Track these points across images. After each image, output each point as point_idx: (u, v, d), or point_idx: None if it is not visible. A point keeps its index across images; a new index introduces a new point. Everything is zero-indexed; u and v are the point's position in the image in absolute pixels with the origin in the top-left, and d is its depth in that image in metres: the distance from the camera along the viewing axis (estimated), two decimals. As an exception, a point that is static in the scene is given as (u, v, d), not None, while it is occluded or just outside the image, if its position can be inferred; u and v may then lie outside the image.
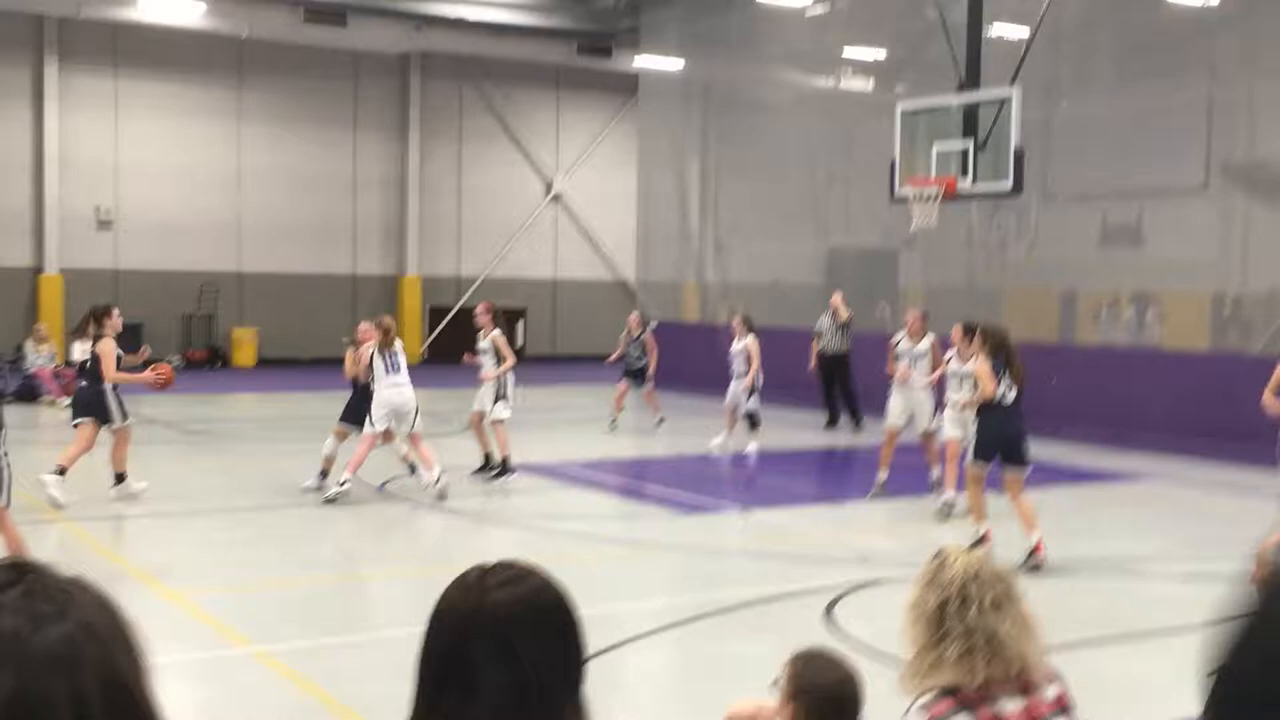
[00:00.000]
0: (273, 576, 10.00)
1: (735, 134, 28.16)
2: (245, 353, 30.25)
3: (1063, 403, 19.37)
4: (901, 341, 13.93)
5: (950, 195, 15.71)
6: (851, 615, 8.71)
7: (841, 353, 19.54)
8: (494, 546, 11.06)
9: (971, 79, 16.32)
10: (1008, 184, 15.15)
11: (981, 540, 10.43)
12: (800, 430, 19.71)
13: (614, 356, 19.94)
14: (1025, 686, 3.19)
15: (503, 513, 12.70)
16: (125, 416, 12.69)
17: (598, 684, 2.06)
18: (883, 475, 13.60)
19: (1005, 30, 20.01)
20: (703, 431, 17.99)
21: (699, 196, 29.28)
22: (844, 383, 19.88)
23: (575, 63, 32.38)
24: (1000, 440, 10.58)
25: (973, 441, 10.76)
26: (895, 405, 13.72)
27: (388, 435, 13.44)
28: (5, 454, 8.97)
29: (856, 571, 10.06)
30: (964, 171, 15.57)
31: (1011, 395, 10.61)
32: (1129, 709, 7.14)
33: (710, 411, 21.70)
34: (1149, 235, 20.85)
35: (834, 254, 25.87)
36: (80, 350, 22.29)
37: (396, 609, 9.26)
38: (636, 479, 13.91)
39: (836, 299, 19.78)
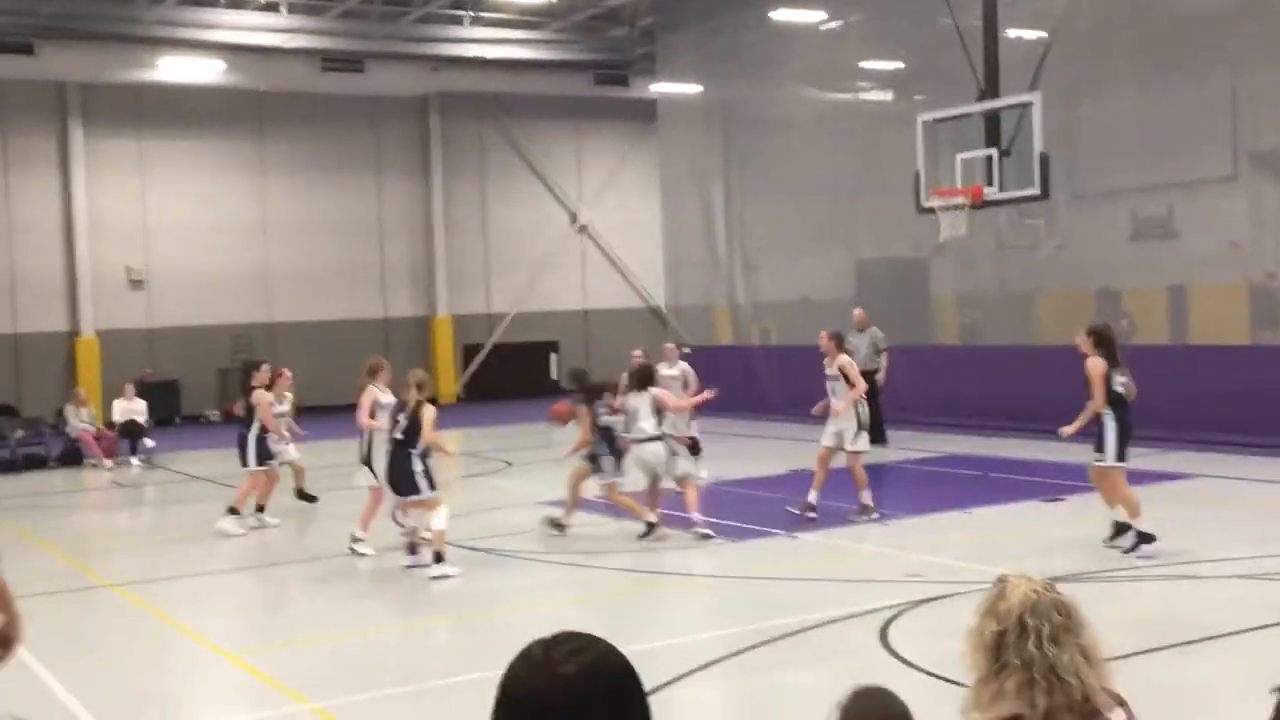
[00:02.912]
0: (322, 633, 9.98)
1: (757, 153, 28.14)
2: (282, 402, 30.34)
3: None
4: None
5: (977, 203, 15.63)
6: (907, 636, 8.63)
7: (873, 369, 19.34)
8: (537, 585, 11.00)
9: (990, 86, 16.24)
10: (1034, 189, 15.06)
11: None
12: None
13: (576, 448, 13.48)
14: (1089, 714, 3.15)
15: (546, 550, 12.64)
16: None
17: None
18: (813, 496, 13.38)
19: (1022, 33, 19.95)
20: (741, 456, 17.90)
21: (724, 218, 29.24)
22: (871, 399, 19.69)
23: (593, 93, 32.46)
24: None
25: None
26: (828, 426, 13.62)
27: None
28: None
29: (908, 590, 9.98)
30: (989, 180, 15.50)
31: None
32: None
33: (746, 434, 21.67)
34: (1180, 228, 20.69)
35: (863, 266, 25.77)
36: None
37: (449, 658, 9.25)
38: (675, 508, 13.82)
39: (858, 314, 19.77)
